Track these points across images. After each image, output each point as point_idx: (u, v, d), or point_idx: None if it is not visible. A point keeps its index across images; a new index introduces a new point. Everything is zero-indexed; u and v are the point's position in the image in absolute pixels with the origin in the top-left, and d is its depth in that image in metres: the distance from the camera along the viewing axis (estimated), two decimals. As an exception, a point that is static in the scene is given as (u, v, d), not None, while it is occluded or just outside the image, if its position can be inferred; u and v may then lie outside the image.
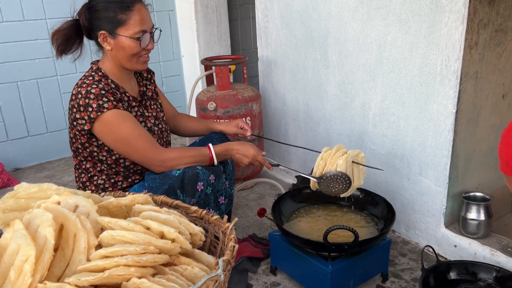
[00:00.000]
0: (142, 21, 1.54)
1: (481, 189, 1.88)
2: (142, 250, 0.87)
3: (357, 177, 1.68)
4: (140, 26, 1.54)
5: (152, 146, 1.56)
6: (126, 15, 1.52)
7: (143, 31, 1.55)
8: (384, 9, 1.82)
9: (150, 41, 1.60)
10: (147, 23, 1.57)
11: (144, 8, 1.58)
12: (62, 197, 0.95)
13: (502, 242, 1.73)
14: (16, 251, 0.84)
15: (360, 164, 1.66)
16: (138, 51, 1.57)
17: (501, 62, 1.74)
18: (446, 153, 1.74)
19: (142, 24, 1.55)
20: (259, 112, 2.54)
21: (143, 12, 1.56)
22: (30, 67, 2.94)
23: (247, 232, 2.10)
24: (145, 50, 1.60)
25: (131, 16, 1.52)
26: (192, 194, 1.55)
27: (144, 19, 1.55)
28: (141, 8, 1.55)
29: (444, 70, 1.67)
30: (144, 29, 1.55)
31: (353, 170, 1.66)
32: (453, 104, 1.67)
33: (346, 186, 1.61)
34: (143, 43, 1.57)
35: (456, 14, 1.58)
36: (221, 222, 1.05)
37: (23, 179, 2.88)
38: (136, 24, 1.53)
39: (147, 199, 1.05)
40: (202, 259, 0.99)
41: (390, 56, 1.85)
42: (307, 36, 2.25)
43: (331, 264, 1.52)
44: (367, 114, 2.03)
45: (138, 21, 1.53)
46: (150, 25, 1.59)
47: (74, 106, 1.52)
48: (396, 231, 2.06)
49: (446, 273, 1.60)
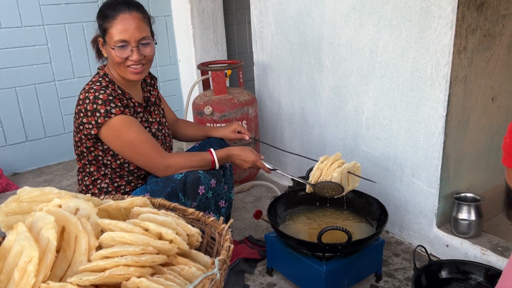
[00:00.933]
0: (123, 31, 1.52)
1: (472, 189, 1.92)
2: (141, 250, 0.91)
3: (351, 184, 1.75)
4: (120, 35, 1.52)
5: (157, 151, 1.59)
6: (109, 24, 1.53)
7: (122, 41, 1.53)
8: (376, 15, 1.87)
9: (133, 52, 1.55)
10: (129, 33, 1.53)
11: (131, 18, 1.53)
12: (63, 200, 0.98)
13: (493, 241, 1.77)
14: (20, 252, 0.87)
15: (355, 175, 1.72)
16: (120, 61, 1.56)
17: (489, 66, 1.79)
18: (437, 155, 1.78)
19: (123, 34, 1.52)
20: (255, 116, 2.58)
21: (127, 22, 1.52)
22: (28, 73, 2.97)
23: (244, 234, 2.13)
24: (130, 61, 1.56)
25: (112, 25, 1.53)
26: (193, 197, 1.58)
27: (126, 29, 1.52)
28: (126, 18, 1.53)
29: (434, 75, 1.71)
30: (123, 38, 1.53)
31: (348, 178, 1.72)
32: (443, 107, 1.71)
33: (339, 192, 1.68)
34: (118, 53, 1.54)
35: (445, 20, 1.62)
36: (217, 224, 1.09)
37: (22, 183, 2.91)
38: (116, 33, 1.53)
39: (146, 202, 1.09)
40: (199, 259, 1.03)
41: (382, 60, 1.90)
42: (301, 41, 2.30)
43: (325, 264, 1.55)
44: (360, 117, 2.07)
45: (118, 30, 1.52)
46: (136, 36, 1.54)
47: (81, 111, 1.55)
48: (390, 231, 2.10)
49: (438, 272, 1.64)
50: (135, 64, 1.58)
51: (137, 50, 1.56)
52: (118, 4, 1.54)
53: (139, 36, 1.55)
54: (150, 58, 1.63)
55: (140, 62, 1.59)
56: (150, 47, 1.61)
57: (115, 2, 1.55)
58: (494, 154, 1.99)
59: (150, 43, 1.60)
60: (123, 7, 1.54)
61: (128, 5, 1.55)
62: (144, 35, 1.57)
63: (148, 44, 1.59)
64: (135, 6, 1.58)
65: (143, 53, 1.58)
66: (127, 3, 1.55)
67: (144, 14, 1.60)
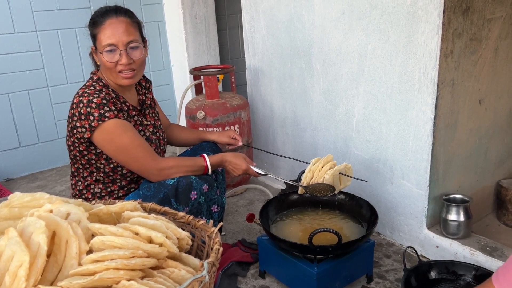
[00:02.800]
0: (111, 35, 1.55)
1: (461, 191, 1.95)
2: (131, 254, 0.92)
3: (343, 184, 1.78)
4: (108, 39, 1.55)
5: (150, 155, 1.61)
6: (98, 29, 1.57)
7: (110, 45, 1.56)
8: (365, 19, 1.90)
9: (121, 56, 1.57)
10: (116, 37, 1.55)
11: (118, 22, 1.56)
12: (54, 205, 0.99)
13: (481, 242, 1.79)
14: (11, 257, 0.88)
15: (346, 175, 1.74)
16: (111, 66, 1.58)
17: (476, 70, 1.82)
18: (426, 157, 1.81)
19: (110, 38, 1.55)
20: (248, 120, 2.60)
21: (114, 26, 1.56)
22: (21, 79, 2.97)
23: (237, 237, 2.15)
24: (120, 66, 1.59)
25: (101, 30, 1.56)
26: (185, 202, 1.59)
27: (114, 33, 1.55)
28: (113, 22, 1.56)
29: (422, 78, 1.74)
30: (111, 43, 1.56)
31: (340, 179, 1.74)
32: (431, 110, 1.74)
33: (330, 192, 1.70)
34: (107, 57, 1.57)
35: (431, 25, 1.65)
36: (206, 227, 1.10)
37: (15, 189, 2.91)
38: (105, 38, 1.56)
39: (136, 206, 1.10)
40: (189, 262, 1.04)
41: (371, 64, 1.92)
42: (292, 46, 2.32)
43: (316, 266, 1.57)
44: (351, 120, 2.10)
45: (106, 35, 1.55)
46: (123, 40, 1.56)
47: (75, 115, 1.56)
48: (381, 233, 2.12)
49: (428, 272, 1.66)
50: (125, 70, 1.60)
51: (125, 53, 1.58)
52: (106, 11, 1.59)
53: (127, 40, 1.57)
54: (140, 62, 1.64)
55: (130, 67, 1.60)
56: (139, 51, 1.62)
57: (104, 9, 1.60)
58: (483, 155, 2.02)
59: (139, 46, 1.61)
60: (111, 13, 1.59)
61: (116, 11, 1.59)
62: (131, 38, 1.58)
63: (137, 48, 1.61)
64: (123, 12, 1.62)
65: (132, 57, 1.59)
66: (115, 9, 1.60)
67: (132, 19, 1.63)
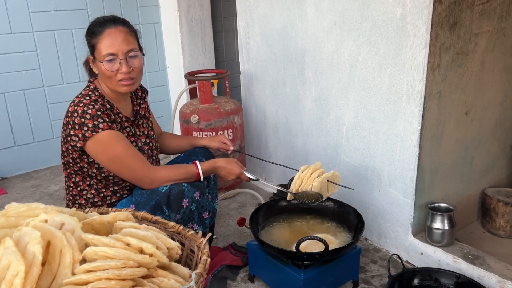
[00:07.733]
0: (111, 44, 1.58)
1: (446, 199, 2.00)
2: (123, 264, 0.97)
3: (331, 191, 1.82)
4: (108, 49, 1.58)
5: (143, 165, 1.64)
6: (97, 39, 1.60)
7: (110, 54, 1.59)
8: (356, 31, 1.94)
9: (121, 64, 1.60)
10: (116, 46, 1.59)
11: (117, 32, 1.60)
12: (49, 215, 1.03)
13: (464, 250, 1.85)
14: (7, 266, 0.92)
15: (333, 183, 1.79)
16: (111, 75, 1.62)
17: (463, 82, 1.87)
18: (412, 166, 1.86)
19: (110, 47, 1.58)
20: (241, 125, 2.64)
21: (113, 36, 1.59)
22: (17, 79, 3.00)
23: (228, 241, 2.19)
24: (120, 74, 1.62)
25: (100, 40, 1.59)
26: (177, 210, 1.63)
27: (113, 42, 1.58)
28: (112, 32, 1.59)
29: (410, 90, 1.79)
30: (111, 52, 1.58)
31: (328, 186, 1.79)
32: (418, 121, 1.79)
33: (318, 200, 1.74)
34: (108, 66, 1.60)
35: (419, 39, 1.70)
36: (196, 237, 1.15)
37: (10, 188, 2.94)
38: (104, 47, 1.59)
39: (128, 216, 1.14)
40: (178, 271, 1.08)
41: (361, 75, 1.97)
42: (285, 53, 2.36)
43: (303, 272, 1.62)
44: (341, 128, 2.15)
45: (106, 44, 1.59)
46: (123, 49, 1.60)
47: (69, 123, 1.59)
48: (369, 239, 2.17)
49: (411, 279, 1.72)
50: (125, 78, 1.63)
51: (125, 62, 1.61)
52: (104, 21, 1.61)
53: (126, 49, 1.61)
54: (138, 70, 1.68)
55: (130, 76, 1.64)
56: (138, 59, 1.66)
57: (101, 19, 1.63)
58: (468, 165, 2.07)
59: (138, 55, 1.65)
60: (109, 23, 1.61)
61: (114, 21, 1.62)
62: (131, 47, 1.62)
63: (136, 56, 1.65)
64: (121, 21, 1.65)
65: (131, 66, 1.63)
66: (113, 19, 1.62)
67: (130, 28, 1.66)
